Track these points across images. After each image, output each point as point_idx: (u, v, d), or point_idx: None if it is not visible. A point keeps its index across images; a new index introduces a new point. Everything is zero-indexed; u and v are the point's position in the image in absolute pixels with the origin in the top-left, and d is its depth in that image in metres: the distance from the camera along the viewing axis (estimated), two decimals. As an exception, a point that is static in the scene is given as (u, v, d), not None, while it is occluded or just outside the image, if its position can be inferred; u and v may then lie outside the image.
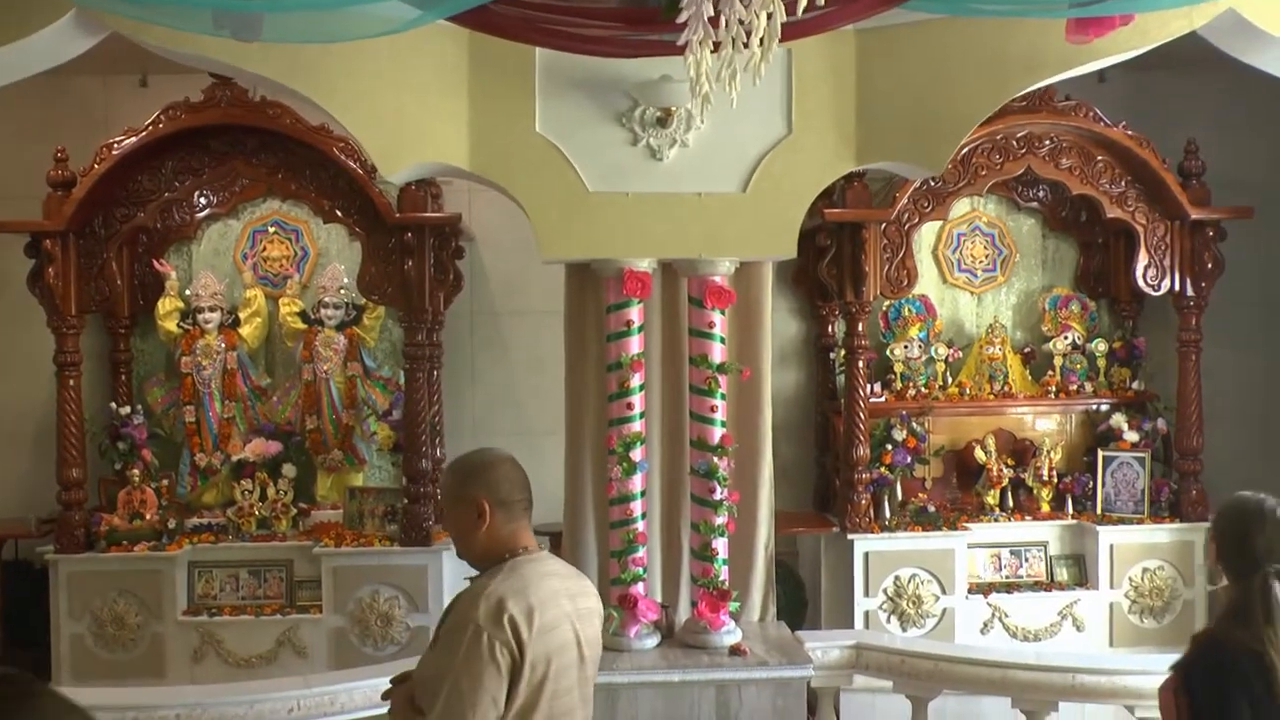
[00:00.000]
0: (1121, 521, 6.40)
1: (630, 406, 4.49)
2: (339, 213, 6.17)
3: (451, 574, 5.99)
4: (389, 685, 2.76)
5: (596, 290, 4.62)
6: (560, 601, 2.63)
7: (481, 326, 7.09)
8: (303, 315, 6.57)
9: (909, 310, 6.68)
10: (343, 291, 6.51)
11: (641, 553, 4.56)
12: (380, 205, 5.98)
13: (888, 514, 6.29)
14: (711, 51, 2.78)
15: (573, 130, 4.45)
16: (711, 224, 4.45)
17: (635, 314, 4.49)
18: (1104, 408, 6.77)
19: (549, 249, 4.48)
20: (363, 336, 6.59)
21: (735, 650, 4.44)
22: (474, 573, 2.71)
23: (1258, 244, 6.79)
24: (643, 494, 4.57)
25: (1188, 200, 6.28)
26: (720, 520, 4.51)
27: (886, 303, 6.63)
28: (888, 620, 6.08)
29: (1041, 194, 6.87)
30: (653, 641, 4.54)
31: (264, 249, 6.73)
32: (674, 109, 4.38)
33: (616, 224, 4.43)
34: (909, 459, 6.35)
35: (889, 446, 6.32)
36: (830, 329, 6.88)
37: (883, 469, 6.29)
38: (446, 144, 4.40)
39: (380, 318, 6.63)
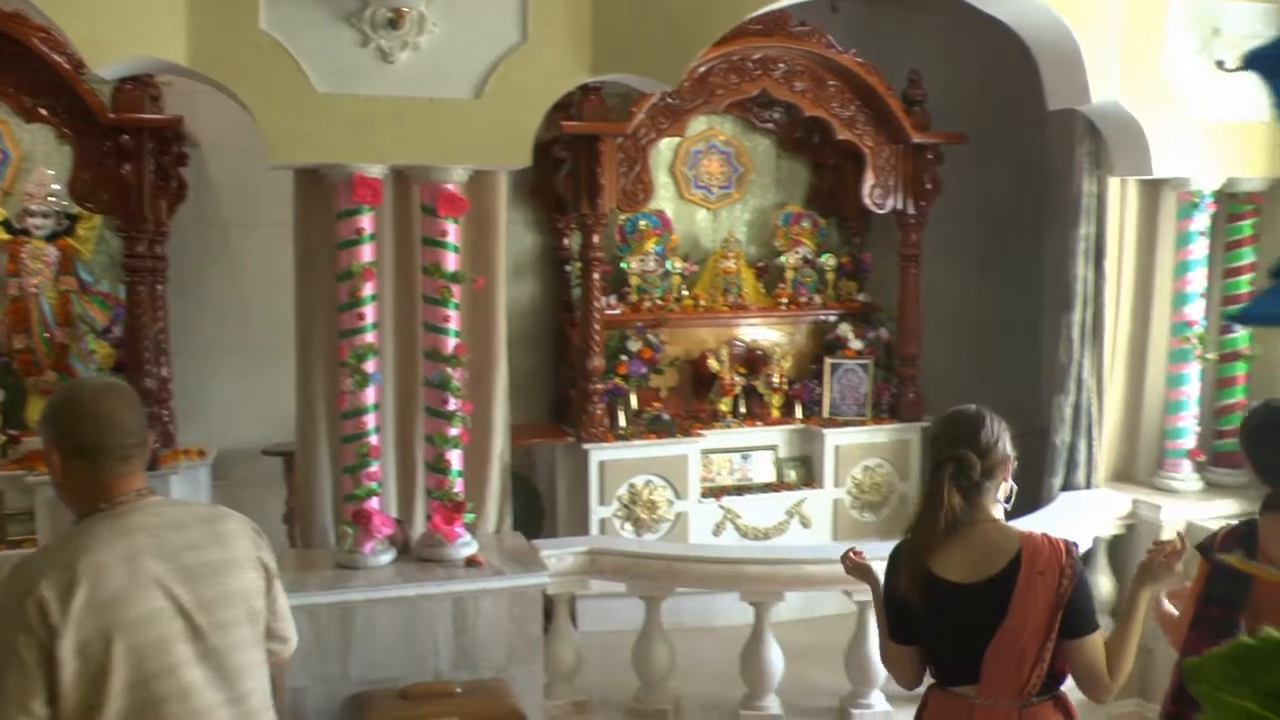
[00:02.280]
0: (846, 424, 6.78)
1: (362, 317, 4.37)
2: (44, 111, 5.68)
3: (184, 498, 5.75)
4: None
5: (327, 197, 4.45)
6: (144, 564, 2.20)
7: (209, 239, 6.73)
8: (6, 225, 6.08)
9: (645, 224, 6.77)
10: (52, 199, 6.05)
11: (375, 467, 4.48)
12: (91, 104, 5.56)
13: (623, 423, 6.42)
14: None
15: (300, 29, 4.23)
16: (444, 130, 4.35)
17: (366, 221, 4.36)
18: (832, 318, 7.11)
19: (276, 153, 4.28)
20: (77, 248, 6.16)
21: (471, 561, 4.45)
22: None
23: (972, 168, 7.23)
24: (376, 407, 4.48)
25: (910, 125, 6.61)
26: (454, 432, 4.48)
27: (623, 216, 6.70)
28: (623, 527, 6.24)
29: (777, 115, 7.07)
30: (388, 557, 4.48)
31: (-42, 152, 6.17)
32: (405, 10, 4.23)
33: (346, 128, 4.27)
34: (644, 369, 6.48)
35: (624, 357, 6.43)
36: (566, 242, 6.90)
37: (618, 379, 6.40)
38: (162, 37, 4.10)
39: (96, 228, 6.21)
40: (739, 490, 6.64)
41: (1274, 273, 0.50)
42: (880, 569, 2.98)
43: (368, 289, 4.36)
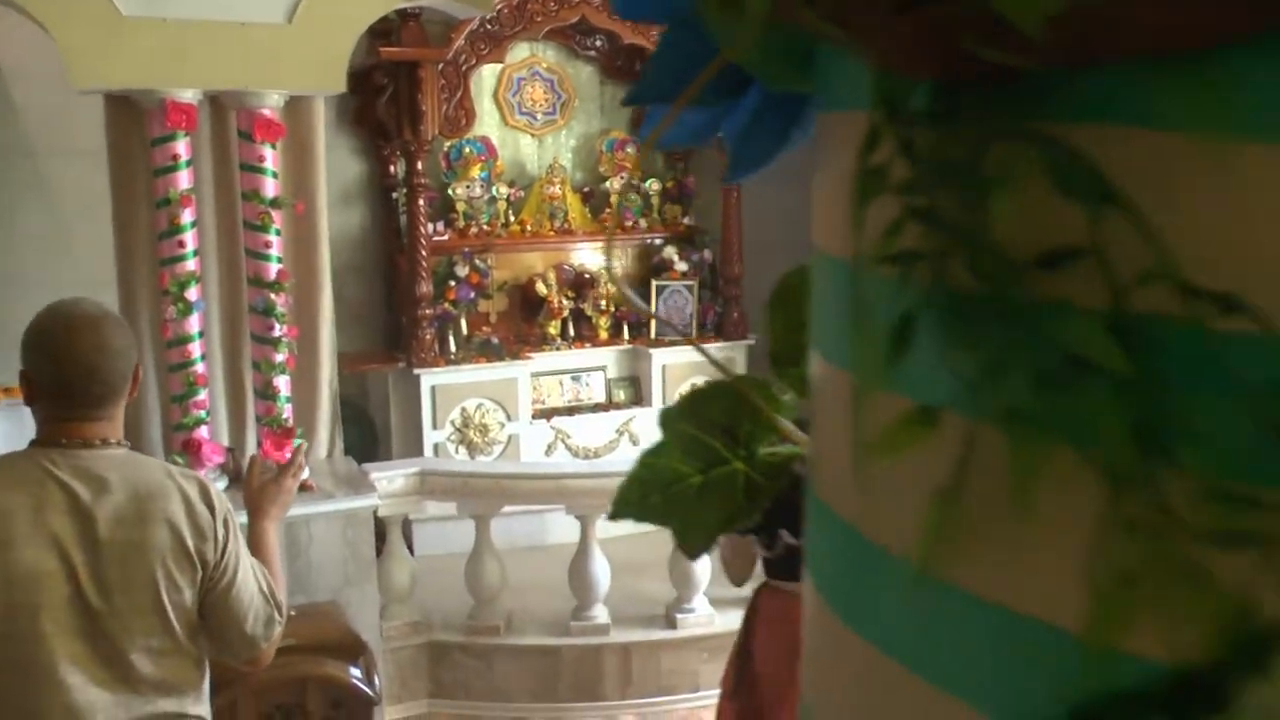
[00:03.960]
0: (673, 344, 6.95)
1: (182, 244, 4.34)
2: None
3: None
4: None
5: (140, 123, 4.37)
6: (49, 517, 2.01)
7: (18, 170, 6.45)
8: None
9: (470, 150, 6.78)
10: None
11: (203, 395, 4.47)
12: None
13: (453, 348, 6.48)
14: None
15: (101, -52, 4.13)
16: (257, 55, 4.31)
17: (182, 148, 4.30)
18: (657, 241, 7.27)
19: (81, 78, 4.18)
20: None
21: (302, 486, 4.49)
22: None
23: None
24: (201, 335, 4.47)
25: (726, 50, 6.76)
26: (281, 357, 4.50)
27: (448, 143, 6.70)
28: (456, 450, 6.32)
29: (598, 43, 7.13)
30: (220, 485, 4.49)
31: None
32: (212, -69, 4.18)
33: (155, 52, 4.18)
34: (473, 294, 6.54)
35: (452, 283, 6.47)
36: (392, 169, 6.82)
37: (447, 305, 6.45)
38: (-50, -45, 3.97)
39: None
40: (570, 411, 6.78)
41: (626, 102, 0.67)
42: None
43: (186, 216, 4.32)
